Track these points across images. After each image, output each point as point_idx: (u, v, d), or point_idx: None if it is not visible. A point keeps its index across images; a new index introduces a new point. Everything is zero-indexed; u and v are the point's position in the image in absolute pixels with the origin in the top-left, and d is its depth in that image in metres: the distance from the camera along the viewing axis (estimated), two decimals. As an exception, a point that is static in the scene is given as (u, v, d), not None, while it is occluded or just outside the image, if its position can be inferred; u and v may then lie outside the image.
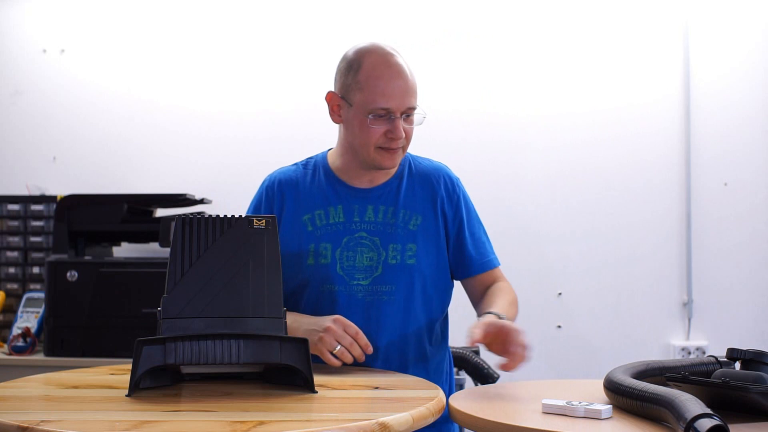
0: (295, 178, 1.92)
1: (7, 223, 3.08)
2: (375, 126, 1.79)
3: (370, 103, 1.78)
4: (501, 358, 1.61)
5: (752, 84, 3.22)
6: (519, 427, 1.25)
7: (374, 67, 1.79)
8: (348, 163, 1.89)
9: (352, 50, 1.85)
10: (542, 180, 3.24)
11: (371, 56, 1.81)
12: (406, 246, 1.85)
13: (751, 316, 3.19)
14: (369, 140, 1.80)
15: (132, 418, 1.26)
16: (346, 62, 1.85)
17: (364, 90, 1.79)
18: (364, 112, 1.79)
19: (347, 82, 1.82)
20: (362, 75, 1.79)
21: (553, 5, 3.28)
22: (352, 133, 1.83)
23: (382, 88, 1.78)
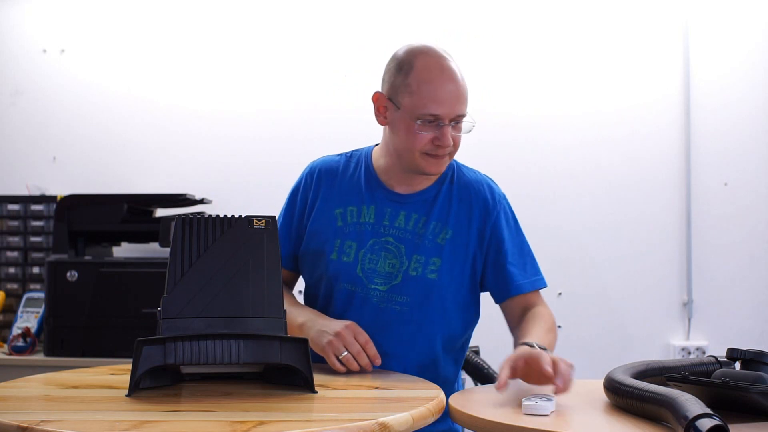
0: (335, 168, 1.88)
1: (7, 223, 3.08)
2: (423, 132, 1.72)
3: (420, 108, 1.71)
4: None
5: (752, 84, 3.22)
6: (519, 426, 1.25)
7: (426, 70, 1.73)
8: (391, 165, 1.83)
9: (403, 50, 1.79)
10: (542, 180, 3.24)
11: (424, 58, 1.75)
12: (430, 259, 1.79)
13: (751, 316, 3.19)
14: (415, 146, 1.73)
15: (132, 418, 1.26)
16: (396, 62, 1.78)
17: (414, 94, 1.72)
18: (413, 117, 1.72)
19: (396, 84, 1.75)
20: (413, 78, 1.73)
21: (553, 5, 3.28)
22: (397, 136, 1.76)
23: (433, 93, 1.71)
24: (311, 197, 1.87)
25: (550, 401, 1.34)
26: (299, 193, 1.90)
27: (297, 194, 1.90)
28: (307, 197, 1.87)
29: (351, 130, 3.28)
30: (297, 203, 1.90)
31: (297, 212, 1.89)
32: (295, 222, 1.89)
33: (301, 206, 1.88)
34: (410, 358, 1.81)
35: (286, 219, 1.90)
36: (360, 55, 3.30)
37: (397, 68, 1.76)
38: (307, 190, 1.89)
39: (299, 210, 1.89)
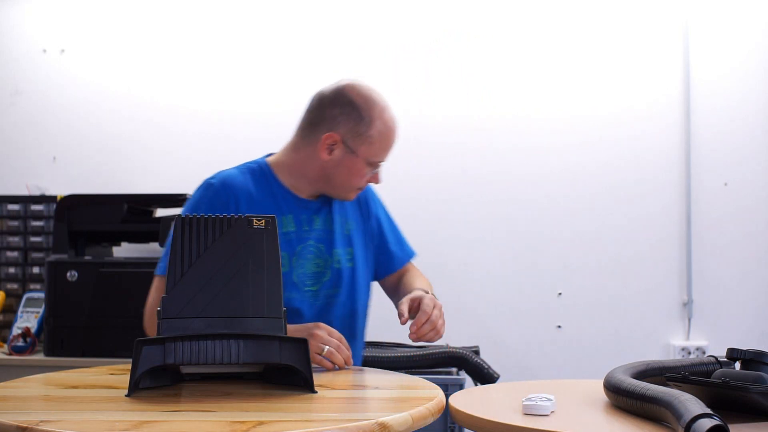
0: (242, 182, 1.92)
1: (7, 223, 3.08)
2: (366, 173, 1.93)
3: (374, 156, 1.92)
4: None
5: (752, 84, 3.22)
6: (519, 426, 1.25)
7: (385, 124, 1.90)
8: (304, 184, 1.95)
9: (358, 96, 1.90)
10: (542, 180, 3.24)
11: (379, 112, 1.90)
12: (345, 250, 1.98)
13: (751, 316, 3.19)
14: (357, 184, 1.94)
15: (132, 418, 1.25)
16: (353, 109, 1.90)
17: (374, 144, 1.90)
18: (366, 163, 1.91)
19: (357, 131, 1.89)
20: (375, 131, 1.89)
21: (552, 5, 3.28)
22: (341, 174, 1.92)
23: (388, 145, 1.93)
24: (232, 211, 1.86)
25: (550, 401, 1.34)
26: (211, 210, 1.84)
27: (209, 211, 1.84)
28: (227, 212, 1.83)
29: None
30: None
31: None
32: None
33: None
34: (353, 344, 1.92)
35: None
36: (360, 55, 3.30)
37: (357, 117, 1.89)
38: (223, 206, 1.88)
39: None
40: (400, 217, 3.25)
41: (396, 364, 2.63)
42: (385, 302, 3.21)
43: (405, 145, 3.28)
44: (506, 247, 3.25)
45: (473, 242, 3.25)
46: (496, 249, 3.25)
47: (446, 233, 3.25)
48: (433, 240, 3.25)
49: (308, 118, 1.95)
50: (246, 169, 1.97)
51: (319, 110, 1.93)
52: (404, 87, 3.29)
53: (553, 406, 1.34)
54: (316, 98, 1.96)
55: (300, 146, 1.95)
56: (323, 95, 1.94)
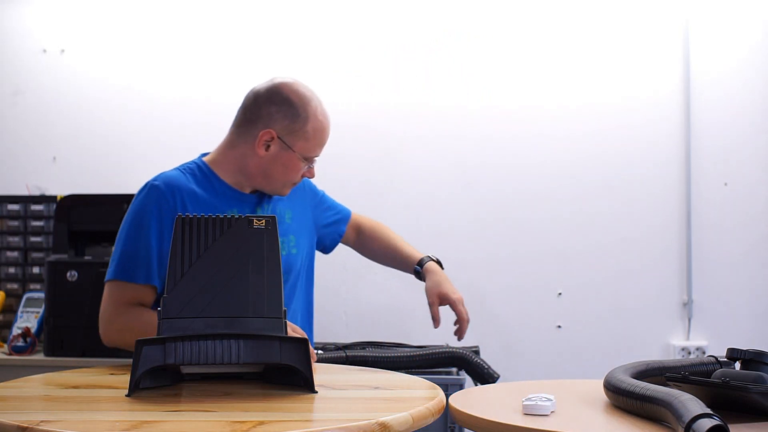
0: (185, 182, 1.93)
1: (7, 223, 3.08)
2: (300, 168, 1.98)
3: (310, 152, 1.98)
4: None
5: (752, 84, 3.22)
6: (519, 426, 1.25)
7: (320, 120, 1.97)
8: (242, 179, 1.99)
9: (293, 93, 1.96)
10: (542, 180, 3.24)
11: (316, 109, 1.96)
12: (288, 238, 2.03)
13: (751, 316, 3.19)
14: (292, 179, 1.99)
15: (132, 418, 1.25)
16: (289, 106, 1.95)
17: (309, 140, 1.96)
18: (302, 158, 1.97)
19: (293, 128, 1.94)
20: (310, 127, 1.95)
21: (552, 5, 3.28)
22: (277, 169, 1.96)
23: (322, 140, 1.99)
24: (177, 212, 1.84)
25: (550, 401, 1.34)
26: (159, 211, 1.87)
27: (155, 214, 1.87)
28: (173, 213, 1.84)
29: (353, 130, 3.29)
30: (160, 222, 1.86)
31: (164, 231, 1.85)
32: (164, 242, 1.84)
33: (168, 223, 1.84)
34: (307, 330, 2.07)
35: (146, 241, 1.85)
36: (360, 55, 3.30)
37: (293, 115, 1.94)
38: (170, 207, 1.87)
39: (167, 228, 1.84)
40: (400, 216, 3.26)
41: (396, 364, 2.63)
42: (385, 302, 3.22)
43: (405, 145, 3.30)
44: (506, 247, 3.25)
45: (473, 242, 3.25)
46: (497, 249, 3.25)
47: (446, 232, 3.25)
48: (432, 239, 3.25)
49: (244, 116, 1.98)
50: (186, 169, 1.99)
51: (255, 108, 1.96)
52: (404, 87, 3.29)
53: (553, 406, 1.34)
54: (251, 96, 1.99)
55: (236, 143, 1.98)
56: (258, 93, 1.98)
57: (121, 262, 1.85)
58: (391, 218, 3.25)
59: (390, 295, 3.23)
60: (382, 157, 3.28)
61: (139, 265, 1.83)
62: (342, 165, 3.27)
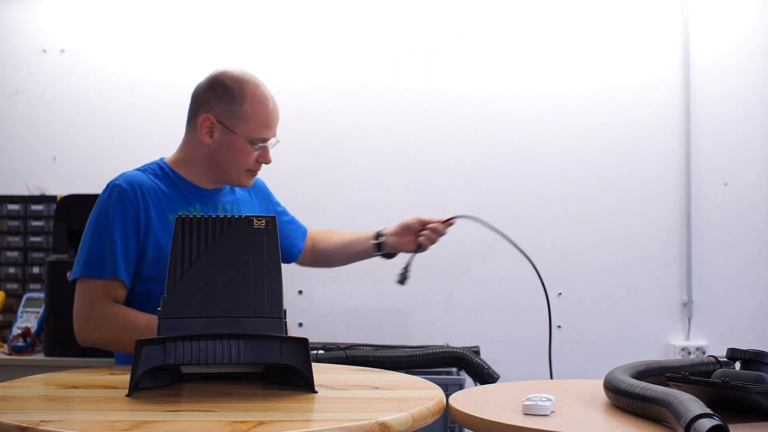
0: (147, 181, 1.95)
1: (7, 223, 3.08)
2: (252, 152, 1.97)
3: (255, 133, 1.96)
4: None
5: (753, 84, 3.22)
6: (519, 426, 1.25)
7: (258, 99, 1.96)
8: (200, 173, 2.00)
9: (229, 77, 1.98)
10: (542, 180, 3.24)
11: (249, 88, 1.97)
12: None
13: (751, 316, 3.19)
14: (244, 165, 1.98)
15: (132, 418, 1.25)
16: (224, 90, 1.96)
17: (250, 121, 1.95)
18: (247, 141, 1.95)
19: (229, 110, 1.95)
20: (248, 107, 1.95)
21: (552, 8, 3.28)
22: (225, 156, 1.97)
23: (266, 120, 1.97)
24: (142, 210, 1.89)
25: (550, 401, 1.34)
26: (126, 208, 1.89)
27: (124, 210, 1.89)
28: (137, 210, 1.89)
29: (352, 129, 3.29)
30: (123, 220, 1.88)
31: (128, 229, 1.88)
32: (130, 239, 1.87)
33: (132, 220, 1.88)
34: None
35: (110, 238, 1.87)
36: (360, 55, 3.30)
37: (229, 97, 1.95)
38: (133, 204, 1.90)
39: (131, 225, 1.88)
40: (399, 216, 3.25)
41: (396, 364, 2.63)
42: (386, 303, 3.22)
43: (405, 145, 3.30)
44: (506, 247, 3.24)
45: (473, 242, 3.24)
46: (496, 249, 3.24)
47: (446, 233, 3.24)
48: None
49: (190, 110, 2.02)
50: (147, 169, 2.02)
51: (196, 98, 2.00)
52: (404, 87, 3.29)
53: (553, 406, 1.34)
54: (194, 91, 2.02)
55: (188, 138, 2.03)
56: (199, 84, 2.02)
57: (87, 260, 1.86)
58: (391, 218, 3.25)
59: (390, 295, 3.23)
60: (382, 156, 3.28)
61: (105, 261, 1.85)
62: (342, 165, 3.27)
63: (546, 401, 1.33)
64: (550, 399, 1.35)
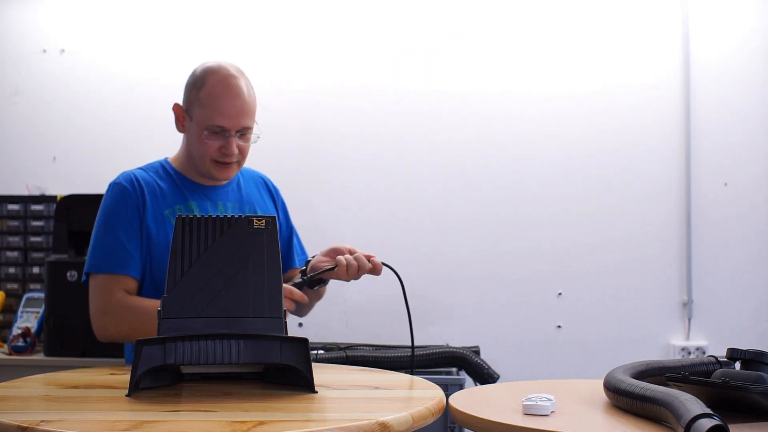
0: (147, 178, 2.00)
1: (7, 223, 3.08)
2: (210, 141, 1.93)
3: (208, 120, 1.92)
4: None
5: (753, 84, 3.22)
6: (519, 426, 1.25)
7: (214, 86, 1.93)
8: (191, 167, 2.02)
9: (201, 68, 1.99)
10: (542, 180, 3.24)
11: (214, 76, 1.94)
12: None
13: (751, 316, 3.19)
14: (205, 154, 1.95)
15: (132, 418, 1.25)
16: (193, 78, 1.99)
17: (203, 107, 1.93)
18: (202, 128, 1.93)
19: (191, 98, 1.97)
20: (203, 93, 1.93)
21: (552, 8, 3.28)
22: (191, 144, 1.98)
23: (219, 107, 1.92)
24: (141, 205, 1.94)
25: (550, 401, 1.34)
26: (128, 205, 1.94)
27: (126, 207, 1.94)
28: (138, 206, 1.94)
29: (352, 129, 3.29)
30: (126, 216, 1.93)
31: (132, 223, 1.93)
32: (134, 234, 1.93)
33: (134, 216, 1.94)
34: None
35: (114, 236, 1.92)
36: (360, 55, 3.30)
37: (193, 84, 1.97)
38: (133, 200, 1.95)
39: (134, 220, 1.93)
40: (400, 217, 3.26)
41: (396, 364, 2.63)
42: (386, 303, 3.22)
43: (406, 145, 3.30)
44: (507, 247, 3.25)
45: (473, 242, 3.25)
46: (496, 249, 3.25)
47: (445, 232, 3.25)
48: (432, 239, 3.25)
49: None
50: (148, 167, 2.06)
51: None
52: (404, 86, 3.29)
53: (553, 406, 1.34)
54: None
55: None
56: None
57: (95, 257, 1.92)
58: (391, 217, 3.26)
59: (390, 295, 3.22)
60: (381, 156, 3.28)
61: (112, 257, 1.90)
62: (342, 165, 3.27)
63: (546, 401, 1.33)
64: (550, 399, 1.35)
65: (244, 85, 1.95)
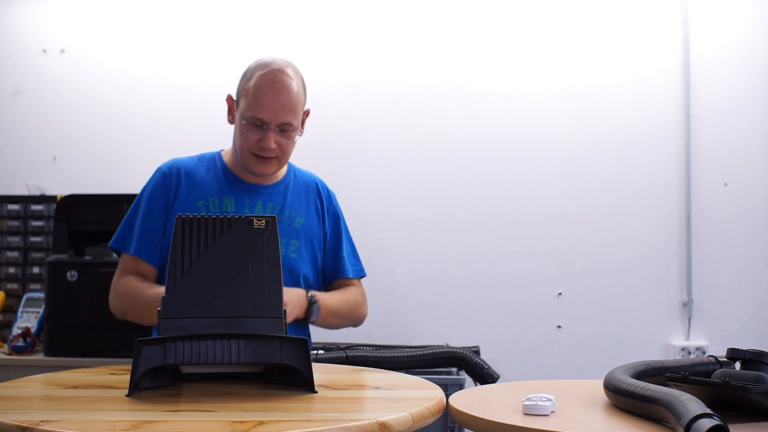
0: (191, 166, 2.04)
1: (7, 223, 3.08)
2: (249, 132, 1.96)
3: (248, 110, 1.96)
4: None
5: (753, 84, 3.22)
6: (519, 426, 1.25)
7: (260, 79, 1.96)
8: (237, 161, 2.05)
9: (255, 62, 2.03)
10: (542, 180, 3.24)
11: (262, 69, 1.98)
12: (290, 241, 2.03)
13: (751, 316, 3.19)
14: (244, 145, 1.98)
15: (132, 418, 1.25)
16: (245, 70, 2.03)
17: (247, 98, 1.96)
18: (242, 117, 1.97)
19: (240, 88, 2.00)
20: (250, 84, 1.97)
21: (552, 9, 3.28)
22: (234, 135, 2.02)
23: (261, 99, 1.95)
24: (173, 193, 1.99)
25: (550, 401, 1.34)
26: (158, 190, 2.00)
27: (156, 192, 2.01)
28: (169, 194, 2.00)
29: (351, 129, 3.29)
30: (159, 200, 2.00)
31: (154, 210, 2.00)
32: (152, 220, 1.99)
33: (163, 202, 2.00)
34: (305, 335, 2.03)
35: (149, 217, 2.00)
36: (360, 55, 3.30)
37: (244, 75, 2.01)
38: (167, 187, 2.00)
39: (162, 206, 1.99)
40: (400, 217, 3.26)
41: (396, 364, 2.63)
42: (386, 302, 3.21)
43: (406, 146, 3.30)
44: (506, 247, 3.25)
45: (473, 242, 3.25)
46: (497, 249, 3.25)
47: (446, 232, 3.25)
48: (432, 239, 3.25)
49: None
50: (201, 156, 2.09)
51: None
52: (402, 86, 3.29)
53: (553, 406, 1.34)
54: None
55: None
56: None
57: (118, 233, 2.02)
58: (391, 217, 3.26)
59: (390, 295, 3.23)
60: (381, 156, 3.28)
61: (130, 237, 1.98)
62: (342, 165, 3.26)
63: (546, 401, 1.33)
64: (550, 399, 1.35)
65: (291, 81, 1.98)
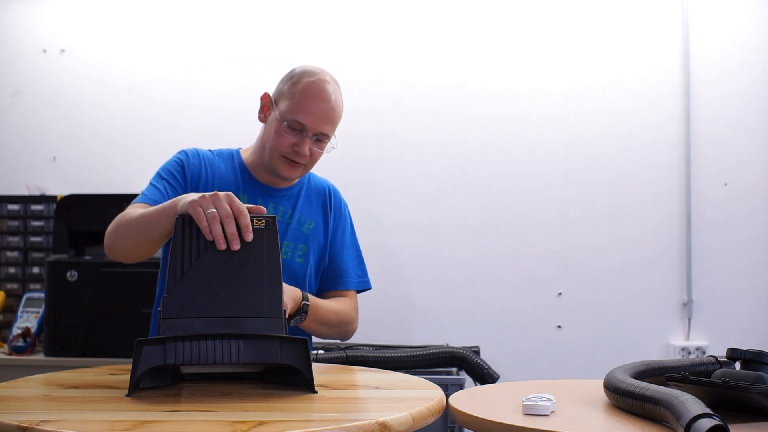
0: (210, 158, 2.03)
1: (7, 223, 3.08)
2: (286, 135, 1.94)
3: (291, 113, 1.94)
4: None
5: (753, 85, 3.22)
6: (519, 426, 1.25)
7: (308, 85, 1.95)
8: (258, 161, 2.02)
9: (301, 66, 2.01)
10: (542, 180, 3.24)
11: (311, 77, 1.97)
12: (297, 246, 2.01)
13: (751, 316, 3.19)
14: (277, 146, 1.95)
15: (132, 418, 1.25)
16: (290, 74, 2.01)
17: (292, 100, 1.94)
18: (283, 119, 1.94)
19: (283, 89, 1.99)
20: (296, 88, 1.95)
21: (552, 9, 3.28)
22: (268, 133, 1.99)
23: (306, 104, 1.93)
24: (194, 173, 1.99)
25: (550, 401, 1.34)
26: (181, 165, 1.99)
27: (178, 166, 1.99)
28: (190, 172, 1.99)
29: (351, 128, 3.29)
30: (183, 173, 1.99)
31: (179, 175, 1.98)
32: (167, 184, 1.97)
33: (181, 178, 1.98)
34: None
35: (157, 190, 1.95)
36: (360, 55, 3.30)
37: (289, 78, 2.00)
38: (190, 166, 1.99)
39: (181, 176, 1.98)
40: (399, 217, 3.26)
41: (396, 364, 2.63)
42: (386, 302, 3.22)
43: (405, 145, 3.30)
44: (506, 248, 3.25)
45: (473, 242, 3.25)
46: (497, 249, 3.25)
47: (445, 233, 3.25)
48: (432, 239, 3.25)
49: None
50: (219, 151, 2.08)
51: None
52: (402, 86, 3.29)
53: (553, 406, 1.34)
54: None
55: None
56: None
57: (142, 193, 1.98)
58: (391, 218, 3.26)
59: (390, 295, 3.23)
60: (381, 157, 3.29)
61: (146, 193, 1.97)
62: (342, 164, 3.27)
63: (546, 401, 1.33)
64: (550, 399, 1.35)
65: (337, 96, 2.00)
